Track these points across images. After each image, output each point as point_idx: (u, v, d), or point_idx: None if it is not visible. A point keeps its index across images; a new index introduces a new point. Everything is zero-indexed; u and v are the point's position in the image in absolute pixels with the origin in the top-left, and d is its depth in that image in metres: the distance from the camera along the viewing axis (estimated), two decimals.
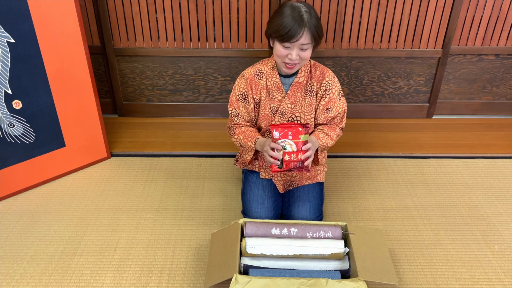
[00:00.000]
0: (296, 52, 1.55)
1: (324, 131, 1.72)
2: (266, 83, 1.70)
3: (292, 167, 1.57)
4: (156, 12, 2.38)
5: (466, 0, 2.39)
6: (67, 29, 1.90)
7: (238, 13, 2.39)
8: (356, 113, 2.69)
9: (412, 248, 1.78)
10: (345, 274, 1.52)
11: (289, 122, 1.72)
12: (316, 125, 1.77)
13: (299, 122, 1.73)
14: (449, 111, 2.76)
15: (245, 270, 1.50)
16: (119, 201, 2.01)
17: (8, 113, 1.88)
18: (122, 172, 2.20)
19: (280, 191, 1.81)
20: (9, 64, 1.80)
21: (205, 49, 2.49)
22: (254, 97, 1.71)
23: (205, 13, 2.38)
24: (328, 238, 1.57)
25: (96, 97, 2.13)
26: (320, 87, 1.70)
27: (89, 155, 2.22)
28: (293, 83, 1.69)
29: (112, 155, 2.34)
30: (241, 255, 1.55)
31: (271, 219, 1.73)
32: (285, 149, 1.55)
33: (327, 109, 1.71)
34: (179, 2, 2.35)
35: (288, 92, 1.69)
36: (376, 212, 1.97)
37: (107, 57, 2.51)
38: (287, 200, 1.79)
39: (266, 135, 1.78)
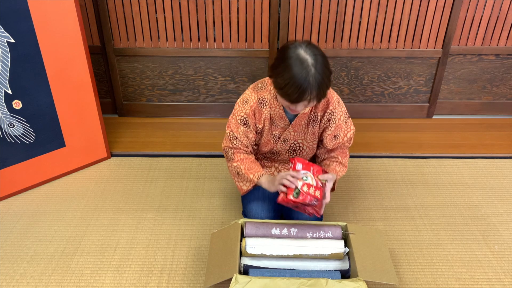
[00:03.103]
0: (302, 107, 1.47)
1: (338, 160, 1.67)
2: (270, 112, 1.62)
3: (307, 201, 1.46)
4: (156, 12, 2.38)
5: (466, 0, 2.39)
6: (67, 29, 1.90)
7: (238, 13, 2.39)
8: (356, 113, 2.69)
9: (412, 248, 1.78)
10: (345, 274, 1.52)
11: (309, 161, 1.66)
12: (327, 151, 1.73)
13: (301, 148, 1.71)
14: (449, 111, 2.76)
15: (245, 270, 1.50)
16: (119, 201, 2.01)
17: (8, 113, 1.88)
18: (122, 172, 2.20)
19: None
20: (9, 64, 1.80)
21: (205, 49, 2.49)
22: (258, 125, 1.64)
23: (205, 13, 2.38)
24: (328, 238, 1.57)
25: (96, 97, 2.13)
26: (324, 116, 1.63)
27: (89, 155, 2.22)
28: (298, 114, 1.62)
29: (112, 155, 2.34)
30: (241, 255, 1.55)
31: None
32: (305, 179, 1.48)
33: (334, 136, 1.66)
34: (179, 2, 2.35)
35: (292, 122, 1.63)
36: (376, 212, 1.97)
37: (107, 57, 2.51)
38: None
39: (266, 158, 1.77)
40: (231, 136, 1.65)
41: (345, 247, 1.56)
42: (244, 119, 1.62)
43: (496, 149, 2.43)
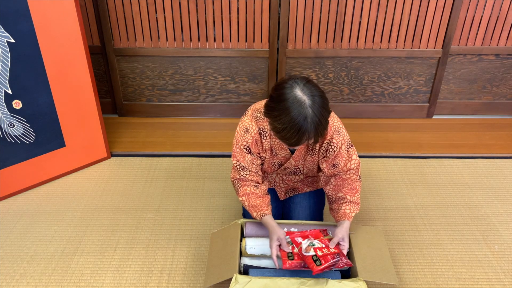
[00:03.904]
0: (299, 146, 1.46)
1: (347, 200, 1.58)
2: (270, 143, 1.57)
3: (330, 261, 1.41)
4: (156, 12, 2.37)
5: (466, 0, 2.39)
6: (67, 29, 1.90)
7: (238, 13, 2.39)
8: (356, 113, 2.69)
9: (412, 248, 1.78)
10: (345, 274, 1.52)
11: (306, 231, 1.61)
12: (327, 177, 1.66)
13: (301, 170, 1.66)
14: (449, 111, 2.76)
15: (245, 270, 1.50)
16: (119, 201, 2.01)
17: (8, 113, 1.88)
18: (122, 172, 2.20)
19: (281, 198, 1.78)
20: (9, 64, 1.80)
21: (205, 49, 2.49)
22: (261, 155, 1.59)
23: (205, 13, 2.38)
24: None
25: (96, 97, 2.13)
26: (321, 146, 1.56)
27: (89, 155, 2.22)
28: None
29: (112, 155, 2.34)
30: (241, 255, 1.54)
31: None
32: (313, 245, 1.46)
33: (333, 165, 1.57)
34: (179, 2, 2.35)
35: (293, 155, 1.59)
36: (376, 212, 1.97)
37: (107, 57, 2.51)
38: (288, 206, 1.77)
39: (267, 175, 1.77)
40: (238, 166, 1.58)
41: None
42: (248, 148, 1.55)
43: (496, 149, 2.43)
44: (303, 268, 1.44)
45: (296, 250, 1.47)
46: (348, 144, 1.57)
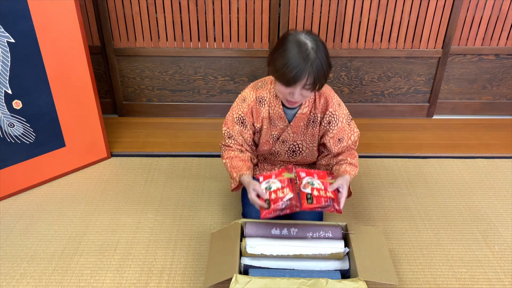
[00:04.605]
0: (298, 92, 1.43)
1: (348, 162, 1.63)
2: (269, 111, 1.61)
3: (322, 204, 1.44)
4: (156, 12, 2.38)
5: (466, 0, 2.39)
6: (67, 29, 1.90)
7: (238, 13, 2.39)
8: (356, 113, 2.69)
9: (412, 248, 1.78)
10: (345, 274, 1.52)
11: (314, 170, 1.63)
12: (333, 156, 1.69)
13: (300, 149, 1.70)
14: (449, 111, 2.76)
15: (245, 270, 1.50)
16: (119, 201, 2.01)
17: (8, 113, 1.88)
18: (122, 172, 2.20)
19: None
20: (9, 64, 1.80)
21: (205, 49, 2.49)
22: (255, 125, 1.63)
23: (205, 13, 2.38)
24: (328, 238, 1.57)
25: (96, 97, 2.13)
26: (324, 118, 1.60)
27: (89, 155, 2.22)
28: (296, 114, 1.61)
29: (112, 155, 2.34)
30: (241, 255, 1.55)
31: None
32: (312, 184, 1.48)
33: (339, 139, 1.62)
34: (179, 2, 2.35)
35: (291, 123, 1.62)
36: (376, 212, 1.97)
37: (107, 57, 2.51)
38: None
39: (267, 160, 1.77)
40: (226, 133, 1.67)
41: (345, 247, 1.56)
42: (241, 118, 1.61)
43: (496, 149, 2.43)
44: (281, 214, 1.46)
45: (273, 196, 1.46)
46: (349, 118, 1.64)
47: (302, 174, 1.53)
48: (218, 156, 2.34)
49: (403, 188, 2.11)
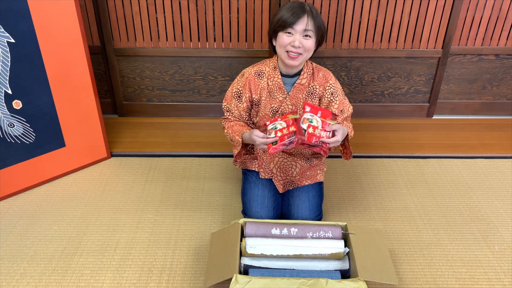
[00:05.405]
0: (299, 39, 1.55)
1: (346, 124, 1.74)
2: (268, 83, 1.69)
3: (312, 142, 1.49)
4: (156, 12, 2.38)
5: (466, 0, 2.39)
6: (67, 29, 1.90)
7: (238, 13, 2.39)
8: (356, 113, 2.69)
9: (412, 248, 1.78)
10: (345, 274, 1.52)
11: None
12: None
13: None
14: (449, 111, 2.76)
15: (245, 270, 1.50)
16: (119, 201, 2.01)
17: (8, 113, 1.88)
18: (122, 172, 2.20)
19: (280, 191, 1.81)
20: (9, 64, 1.80)
21: (205, 49, 2.49)
22: (254, 97, 1.71)
23: (205, 13, 2.38)
24: (328, 238, 1.57)
25: (96, 97, 2.13)
26: (325, 90, 1.70)
27: (89, 155, 2.22)
28: (295, 84, 1.69)
29: (112, 155, 2.34)
30: (241, 255, 1.55)
31: (271, 218, 1.73)
32: (311, 122, 1.53)
33: (341, 111, 1.74)
34: (179, 2, 2.35)
35: (289, 93, 1.69)
36: (376, 212, 1.97)
37: (107, 57, 2.51)
38: (287, 200, 1.80)
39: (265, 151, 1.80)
40: (225, 108, 1.79)
41: (345, 247, 1.57)
42: (238, 92, 1.73)
43: (496, 149, 2.43)
44: (287, 147, 1.50)
45: (279, 134, 1.51)
46: (343, 93, 1.77)
47: (307, 108, 1.56)
48: (218, 156, 2.34)
49: (403, 188, 2.11)
